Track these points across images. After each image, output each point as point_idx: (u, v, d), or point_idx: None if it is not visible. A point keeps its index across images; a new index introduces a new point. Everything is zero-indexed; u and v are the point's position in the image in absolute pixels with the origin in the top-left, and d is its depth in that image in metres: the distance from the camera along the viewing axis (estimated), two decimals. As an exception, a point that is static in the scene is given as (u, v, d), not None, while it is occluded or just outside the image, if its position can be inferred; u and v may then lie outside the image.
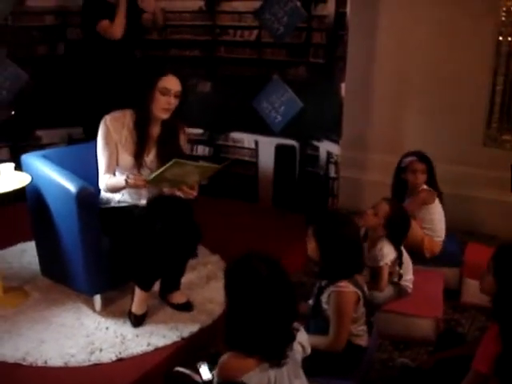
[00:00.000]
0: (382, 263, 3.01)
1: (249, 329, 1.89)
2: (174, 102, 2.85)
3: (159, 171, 2.65)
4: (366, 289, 2.52)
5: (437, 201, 3.55)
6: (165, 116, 2.88)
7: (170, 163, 2.59)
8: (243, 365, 1.88)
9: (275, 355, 1.91)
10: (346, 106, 4.05)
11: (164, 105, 2.84)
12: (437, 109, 4.37)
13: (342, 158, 4.15)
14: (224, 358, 1.92)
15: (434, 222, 3.52)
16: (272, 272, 1.92)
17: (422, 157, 3.57)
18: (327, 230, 2.44)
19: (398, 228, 3.04)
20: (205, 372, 2.33)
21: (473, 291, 3.09)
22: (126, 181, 2.77)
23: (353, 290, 2.41)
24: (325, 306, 2.47)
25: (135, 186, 2.83)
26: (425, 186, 3.55)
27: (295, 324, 2.01)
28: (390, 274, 3.07)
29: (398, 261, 3.07)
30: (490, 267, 2.17)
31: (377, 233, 3.05)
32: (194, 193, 2.82)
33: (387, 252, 3.02)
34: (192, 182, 2.77)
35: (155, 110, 2.86)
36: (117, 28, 3.88)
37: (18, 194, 3.14)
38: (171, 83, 2.84)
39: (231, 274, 1.98)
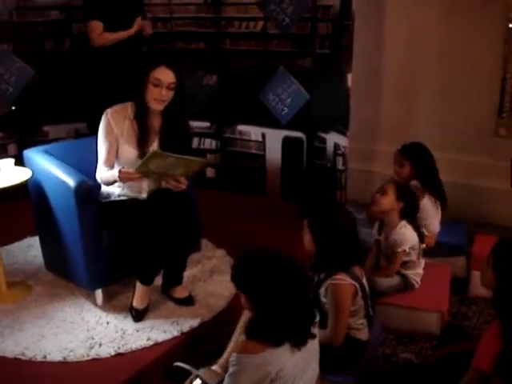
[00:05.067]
0: (399, 249, 2.97)
1: (277, 320, 1.91)
2: (166, 93, 2.80)
3: (142, 161, 2.65)
4: (364, 281, 2.47)
5: (426, 199, 3.38)
6: (158, 107, 2.84)
7: (149, 154, 2.62)
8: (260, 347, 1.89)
9: (301, 337, 1.96)
10: (353, 96, 3.98)
11: (156, 96, 2.79)
12: (447, 98, 4.28)
13: (349, 149, 4.09)
14: (243, 342, 1.94)
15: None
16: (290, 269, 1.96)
17: (404, 150, 3.49)
18: (321, 221, 2.41)
19: (409, 197, 3.02)
20: None
21: (481, 284, 3.03)
22: (118, 175, 2.73)
23: (350, 283, 2.37)
24: (323, 299, 2.44)
25: (130, 180, 2.80)
26: (414, 181, 3.41)
27: None
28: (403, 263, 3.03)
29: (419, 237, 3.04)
30: (490, 261, 2.12)
31: (392, 214, 3.01)
32: (183, 186, 2.79)
33: (408, 236, 2.98)
34: (178, 174, 2.75)
35: (149, 101, 2.83)
36: (110, 38, 3.83)
37: (28, 189, 3.16)
38: (163, 75, 2.79)
39: (248, 272, 1.97)
